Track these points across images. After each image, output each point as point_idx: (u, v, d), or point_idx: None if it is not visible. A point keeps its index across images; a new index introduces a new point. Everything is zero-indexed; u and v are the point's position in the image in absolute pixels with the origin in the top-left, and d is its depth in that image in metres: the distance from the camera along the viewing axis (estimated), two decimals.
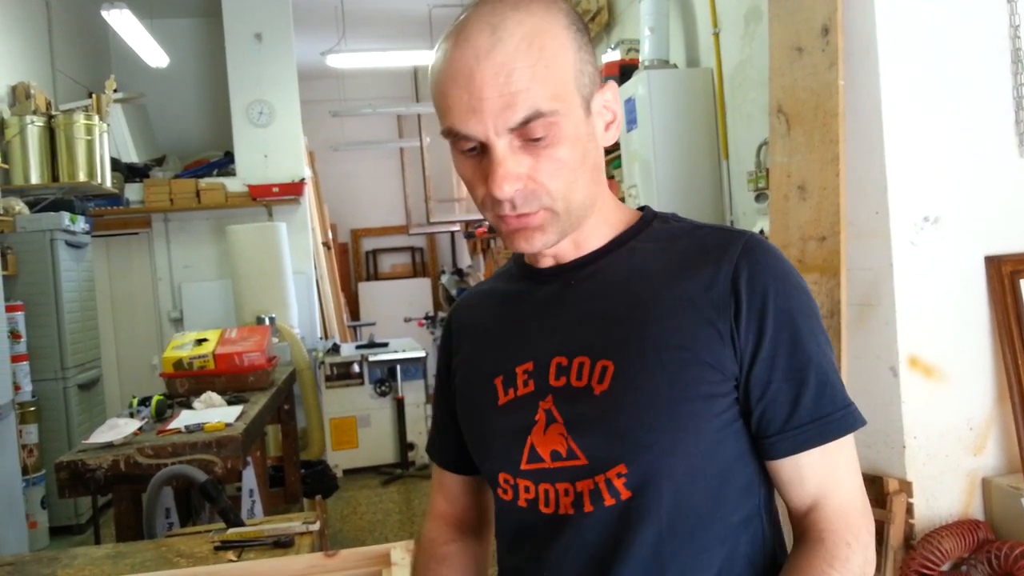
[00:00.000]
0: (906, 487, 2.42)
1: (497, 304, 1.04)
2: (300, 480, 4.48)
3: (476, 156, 0.87)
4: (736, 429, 0.90)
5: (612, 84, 0.93)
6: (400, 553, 1.60)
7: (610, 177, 4.47)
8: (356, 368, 6.08)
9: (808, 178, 2.43)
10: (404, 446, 5.92)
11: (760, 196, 3.16)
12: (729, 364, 0.87)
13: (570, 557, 0.90)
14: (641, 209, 1.01)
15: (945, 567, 2.38)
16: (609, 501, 0.87)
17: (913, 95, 2.37)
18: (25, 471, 4.28)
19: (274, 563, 1.53)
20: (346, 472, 5.89)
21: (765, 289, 0.88)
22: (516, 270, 1.05)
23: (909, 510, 2.41)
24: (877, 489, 2.47)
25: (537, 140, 0.84)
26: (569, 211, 0.88)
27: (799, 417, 0.87)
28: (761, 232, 3.37)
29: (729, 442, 0.90)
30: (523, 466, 0.92)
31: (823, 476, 0.89)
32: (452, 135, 0.86)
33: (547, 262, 0.97)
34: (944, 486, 2.45)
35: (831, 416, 0.88)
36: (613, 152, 4.92)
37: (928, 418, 2.44)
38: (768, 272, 0.89)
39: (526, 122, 0.82)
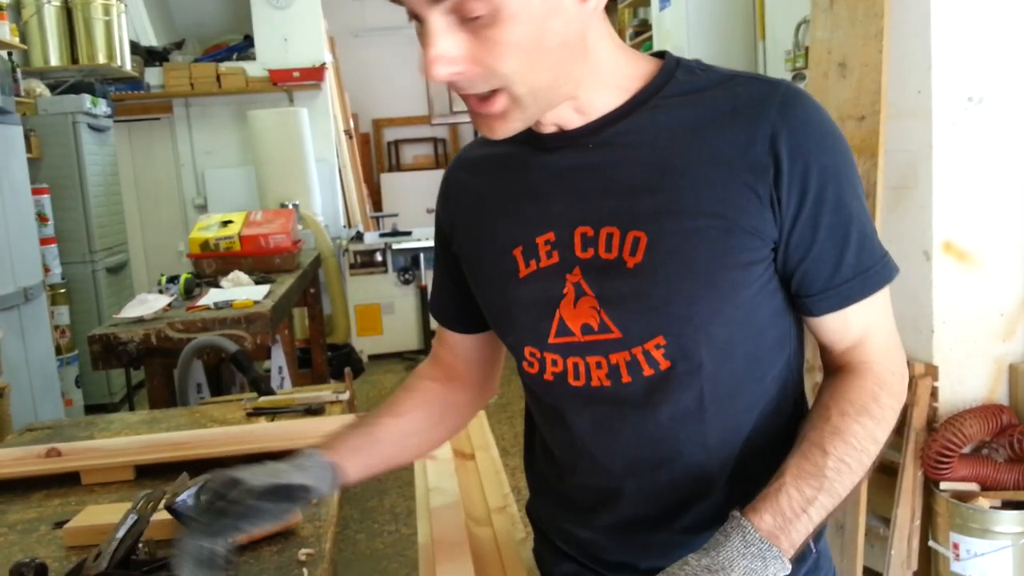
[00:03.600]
0: (932, 371, 2.42)
1: (500, 168, 0.96)
2: (327, 362, 4.56)
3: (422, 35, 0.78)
4: (772, 289, 0.88)
5: None
6: None
7: None
8: (379, 256, 6.10)
9: (849, 55, 2.34)
10: (428, 333, 5.99)
11: (797, 76, 3.06)
12: (769, 229, 0.84)
13: (606, 426, 0.90)
14: (660, 55, 0.92)
15: (966, 450, 2.40)
16: (648, 371, 0.86)
17: None
18: (58, 351, 4.39)
19: (306, 423, 1.56)
20: (371, 357, 5.99)
21: (807, 147, 0.83)
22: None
23: (934, 394, 2.42)
24: None
25: (475, 19, 0.74)
26: (535, 95, 0.80)
27: (843, 274, 0.85)
28: None
29: (765, 303, 0.88)
30: (551, 340, 0.90)
31: (865, 324, 0.89)
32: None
33: (549, 129, 0.89)
34: (970, 371, 2.45)
35: (872, 269, 0.86)
36: (644, 34, 4.77)
37: (958, 303, 2.42)
38: (809, 128, 0.84)
39: None
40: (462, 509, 1.15)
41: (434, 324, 1.18)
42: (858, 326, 0.89)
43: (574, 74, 0.82)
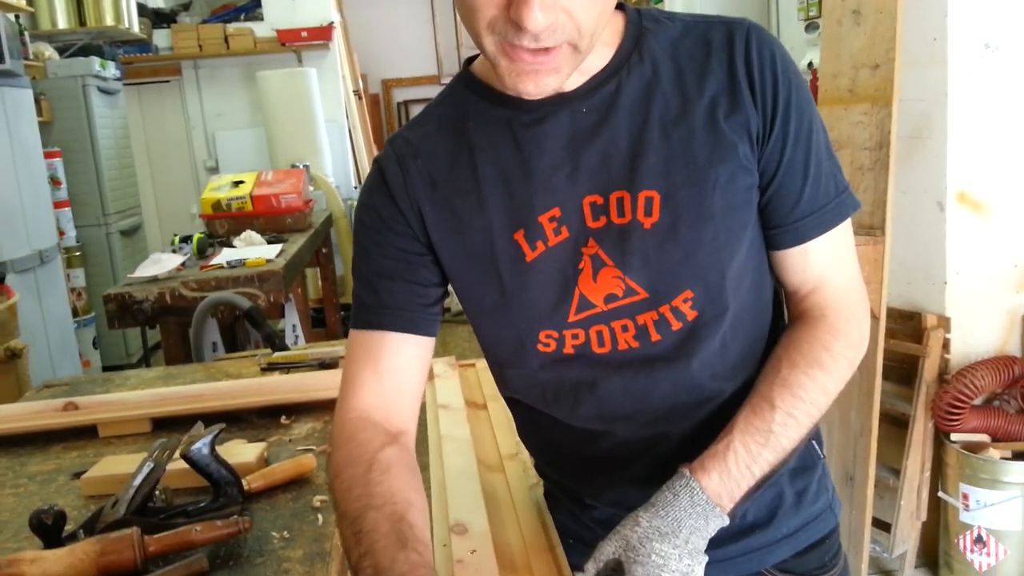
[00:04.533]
0: (944, 323, 2.41)
1: (477, 150, 0.88)
2: (340, 322, 4.59)
3: None
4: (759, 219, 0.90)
5: None
6: (443, 367, 1.65)
7: None
8: None
9: (863, 1, 2.30)
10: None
11: (811, 26, 3.01)
12: (754, 162, 0.86)
13: (639, 385, 0.89)
14: (619, 6, 0.88)
15: (977, 401, 2.40)
16: (676, 326, 0.86)
17: None
18: (75, 313, 4.43)
19: (321, 375, 1.58)
20: None
21: (773, 81, 0.84)
22: (475, 98, 0.90)
23: (946, 345, 2.41)
24: (915, 325, 2.46)
25: None
26: (589, 48, 0.77)
27: (802, 208, 0.87)
28: (810, 65, 3.23)
29: (760, 234, 0.90)
30: (571, 318, 0.87)
31: (825, 261, 0.89)
32: None
33: (534, 95, 0.82)
34: (982, 323, 2.44)
35: (830, 204, 0.87)
36: None
37: (972, 254, 2.40)
38: (775, 63, 0.85)
39: None
40: (474, 455, 1.16)
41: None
42: (817, 266, 0.89)
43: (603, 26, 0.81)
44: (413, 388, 0.93)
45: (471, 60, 0.94)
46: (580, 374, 0.89)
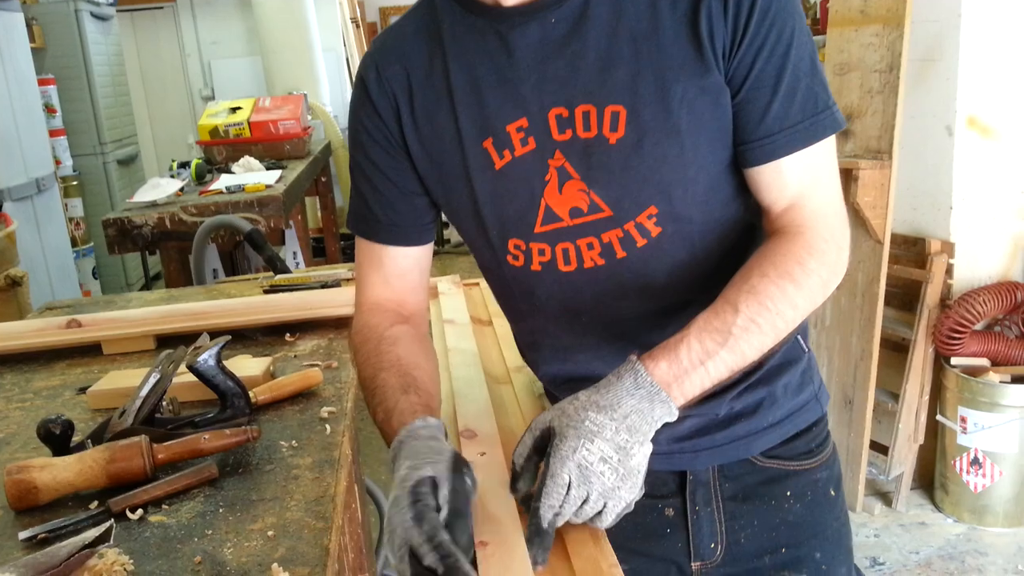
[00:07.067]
0: (948, 248, 2.40)
1: (443, 51, 0.89)
2: (340, 251, 4.58)
3: None
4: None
5: None
6: (447, 285, 1.64)
7: None
8: None
9: None
10: (440, 224, 5.99)
11: None
12: (722, 76, 0.83)
13: (608, 299, 0.90)
14: None
15: (978, 326, 2.41)
16: (641, 242, 0.86)
17: None
18: (74, 243, 4.41)
19: (324, 293, 1.57)
20: None
21: None
22: (450, 4, 0.89)
23: (949, 271, 2.41)
24: (919, 250, 2.46)
25: None
26: None
27: (770, 124, 0.83)
28: None
29: (730, 148, 0.87)
30: (536, 229, 0.88)
31: (800, 180, 0.85)
32: None
33: (509, 1, 0.83)
34: (987, 248, 2.43)
35: (805, 122, 0.83)
36: None
37: (979, 180, 2.38)
38: None
39: None
40: (481, 367, 1.17)
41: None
42: (794, 184, 0.85)
43: None
44: (419, 283, 1.00)
45: None
46: (549, 289, 0.91)
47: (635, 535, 0.96)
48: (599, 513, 0.75)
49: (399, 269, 0.98)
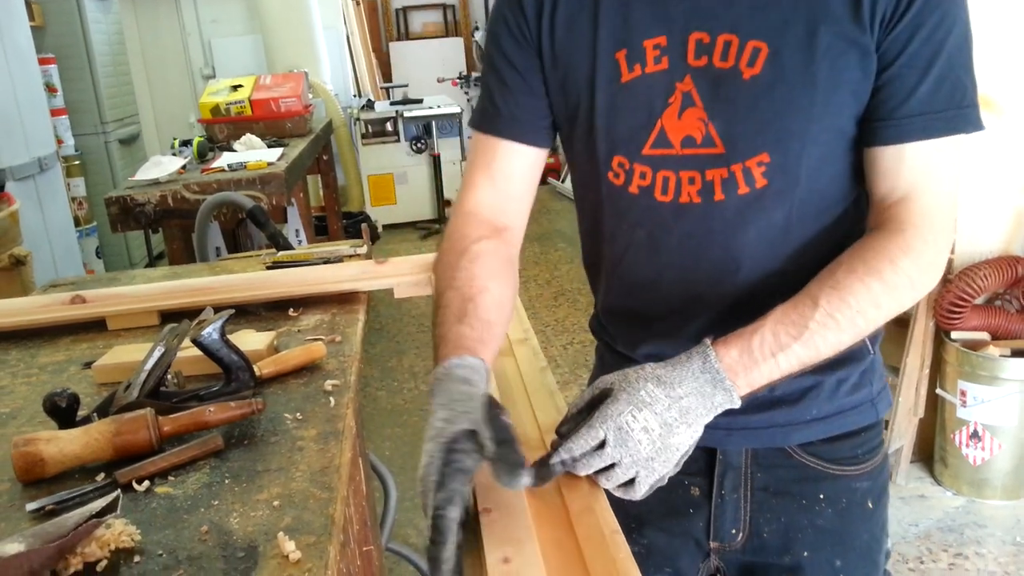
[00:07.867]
0: None
1: None
2: (342, 229, 4.58)
3: None
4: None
5: None
6: None
7: None
8: (391, 126, 6.03)
9: None
10: (441, 202, 5.98)
11: None
12: (874, 45, 0.81)
13: (694, 242, 0.89)
14: None
15: (979, 300, 2.41)
16: (743, 190, 0.85)
17: None
18: (77, 223, 4.42)
19: (327, 269, 1.58)
20: (385, 227, 6.01)
21: None
22: None
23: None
24: None
25: None
26: None
27: (913, 106, 0.81)
28: None
29: (858, 127, 0.85)
30: (645, 150, 0.87)
31: (920, 171, 0.83)
32: None
33: None
34: (988, 222, 2.43)
35: (945, 112, 0.81)
36: None
37: (979, 153, 2.38)
38: None
39: None
40: None
41: (448, 192, 1.07)
42: (912, 174, 0.83)
43: None
44: (523, 192, 0.99)
45: None
46: (639, 216, 0.91)
47: (658, 509, 0.96)
48: (631, 482, 0.76)
49: (508, 169, 0.97)
